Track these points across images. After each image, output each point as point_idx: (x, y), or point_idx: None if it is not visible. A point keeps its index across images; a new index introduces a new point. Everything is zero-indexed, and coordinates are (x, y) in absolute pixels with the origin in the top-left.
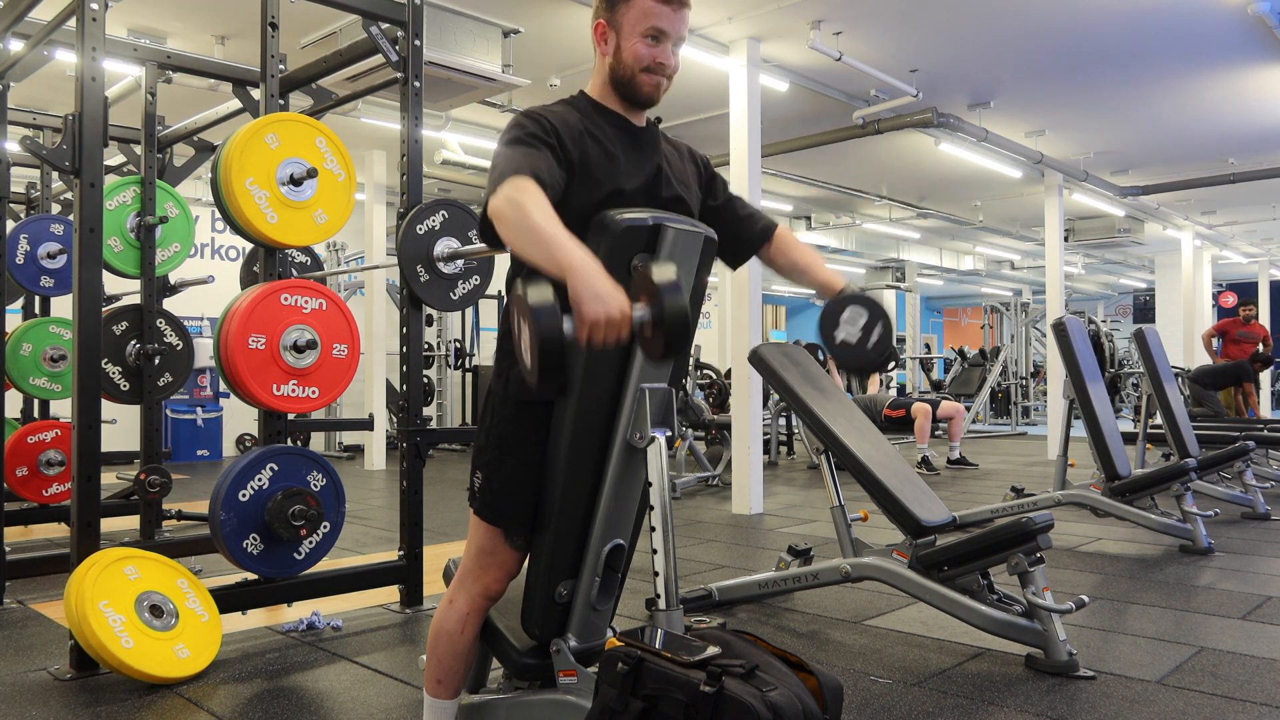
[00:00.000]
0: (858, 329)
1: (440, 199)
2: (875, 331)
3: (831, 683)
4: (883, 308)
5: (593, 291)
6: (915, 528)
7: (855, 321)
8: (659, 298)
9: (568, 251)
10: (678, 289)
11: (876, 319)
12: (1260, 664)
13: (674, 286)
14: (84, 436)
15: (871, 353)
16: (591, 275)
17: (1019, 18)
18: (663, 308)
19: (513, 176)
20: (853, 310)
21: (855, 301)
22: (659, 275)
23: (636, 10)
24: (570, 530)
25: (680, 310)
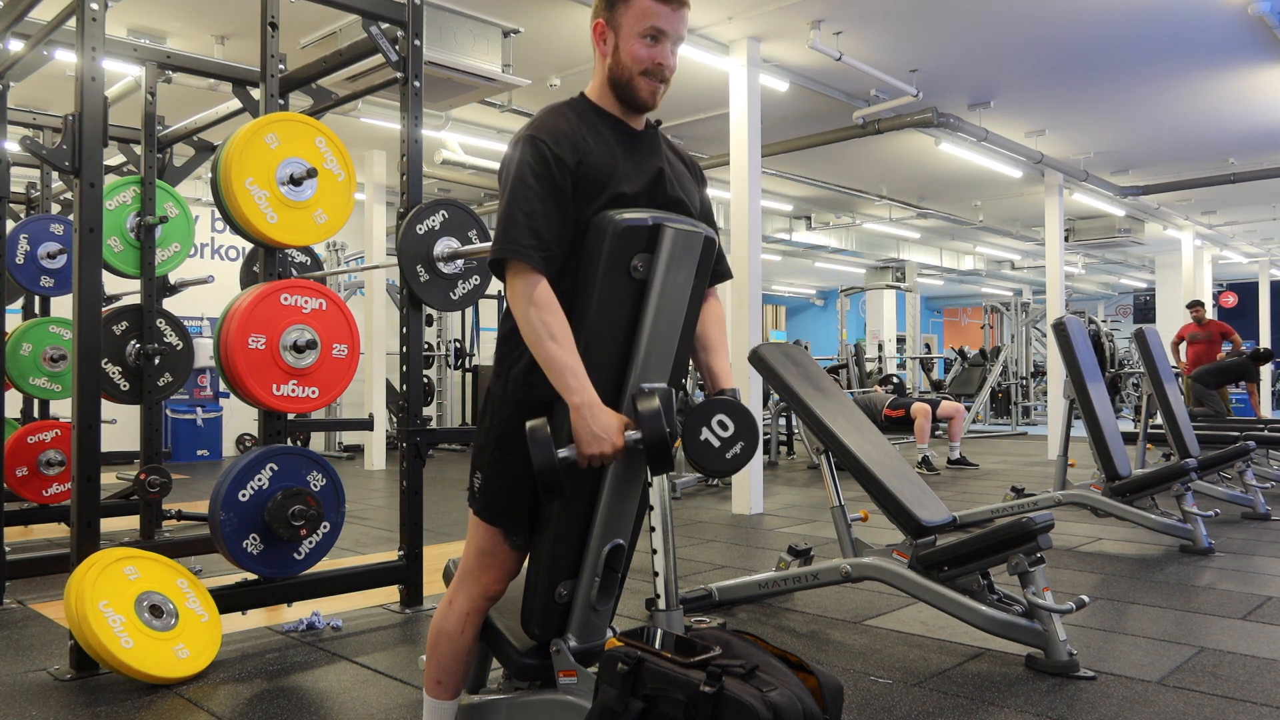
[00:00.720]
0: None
1: (440, 199)
2: (738, 445)
3: (831, 683)
4: (756, 425)
5: (591, 432)
6: (915, 528)
7: (725, 428)
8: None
9: (573, 390)
10: (657, 418)
11: (744, 434)
12: (1260, 664)
13: (654, 415)
14: (84, 436)
15: (728, 463)
16: (591, 414)
17: (1019, 18)
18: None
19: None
20: (725, 417)
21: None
22: (642, 406)
23: (635, 10)
24: (570, 530)
25: (659, 438)
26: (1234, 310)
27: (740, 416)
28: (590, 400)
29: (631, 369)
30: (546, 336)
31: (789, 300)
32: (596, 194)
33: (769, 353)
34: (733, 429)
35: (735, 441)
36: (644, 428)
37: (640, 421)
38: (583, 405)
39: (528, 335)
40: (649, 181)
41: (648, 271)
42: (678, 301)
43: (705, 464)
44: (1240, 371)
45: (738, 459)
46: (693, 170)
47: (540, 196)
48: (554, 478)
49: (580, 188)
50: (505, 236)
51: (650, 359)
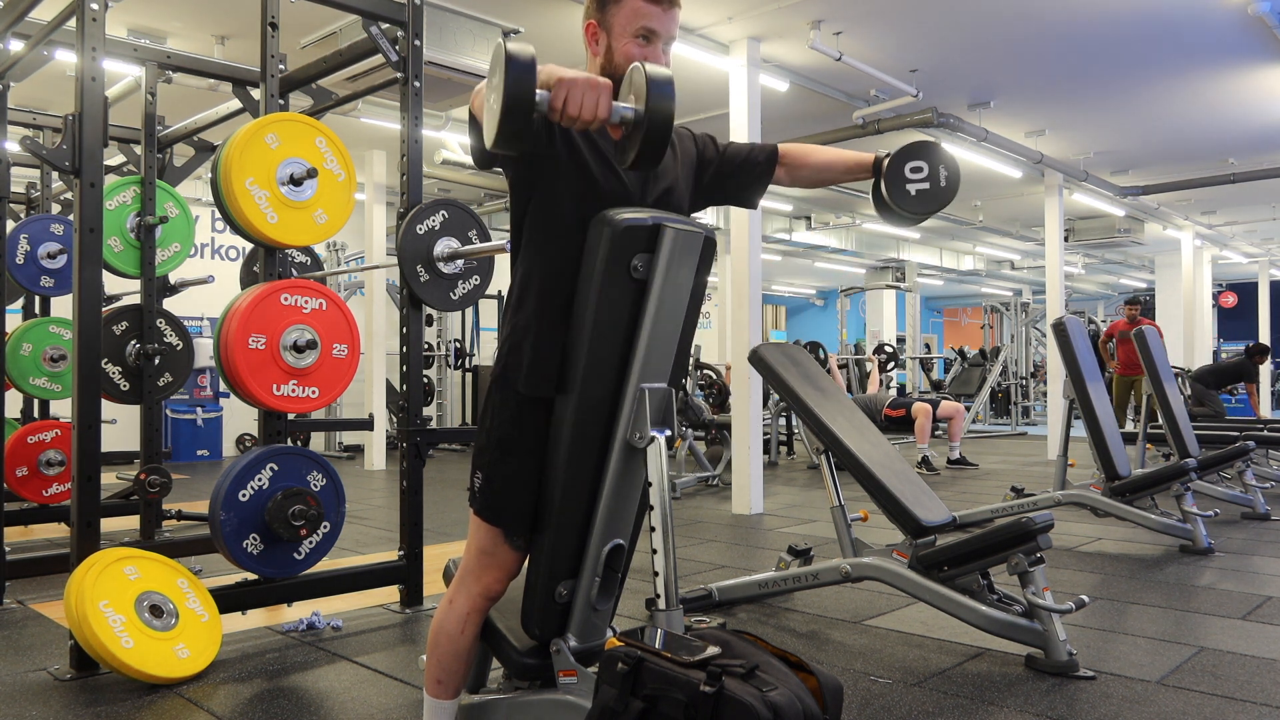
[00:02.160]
0: (925, 177)
1: (440, 199)
2: (942, 171)
3: (831, 683)
4: (938, 149)
5: (571, 70)
6: (915, 528)
7: (920, 172)
8: (646, 94)
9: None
10: (669, 88)
11: (938, 161)
12: (1260, 664)
13: (666, 84)
14: (84, 436)
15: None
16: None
17: (1019, 18)
18: (648, 105)
19: None
20: (914, 164)
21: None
22: (653, 71)
23: (627, 10)
24: (570, 530)
25: (667, 112)
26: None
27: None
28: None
29: (631, 369)
30: None
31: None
32: (590, 187)
33: (769, 353)
34: (926, 166)
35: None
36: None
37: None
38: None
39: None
40: (641, 180)
41: (648, 271)
42: (678, 301)
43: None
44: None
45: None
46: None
47: None
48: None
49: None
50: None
51: (650, 359)
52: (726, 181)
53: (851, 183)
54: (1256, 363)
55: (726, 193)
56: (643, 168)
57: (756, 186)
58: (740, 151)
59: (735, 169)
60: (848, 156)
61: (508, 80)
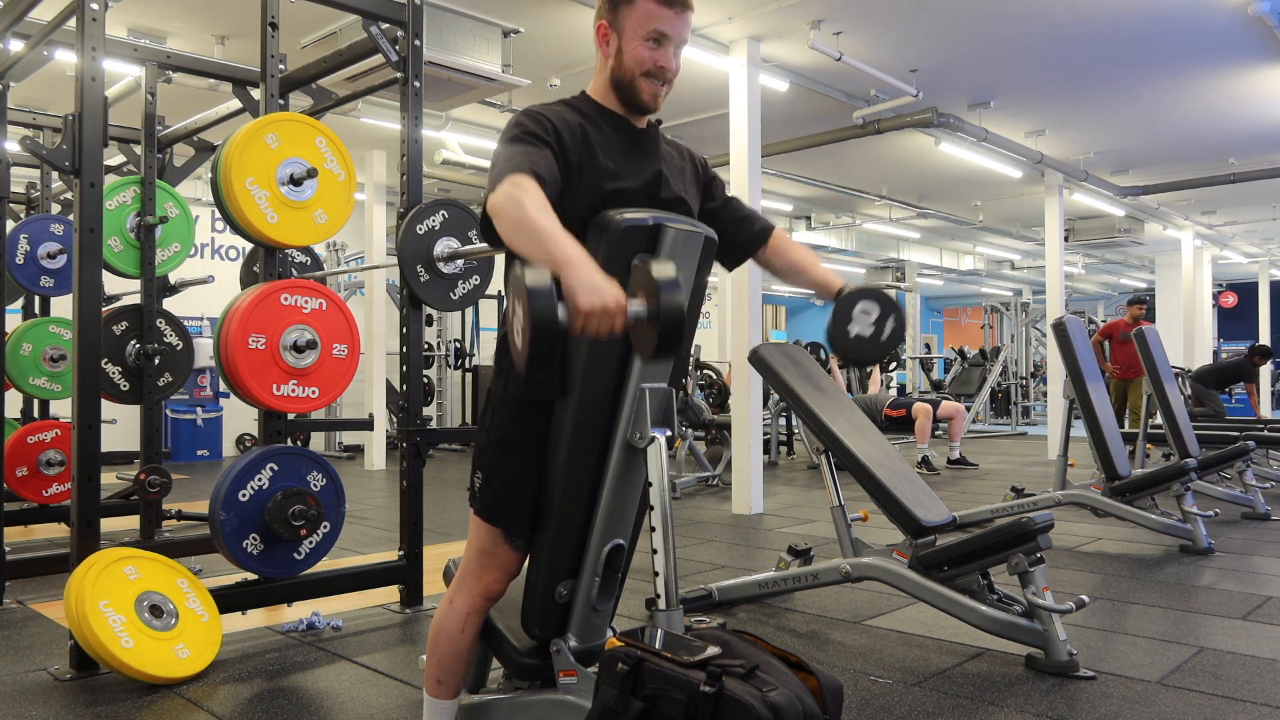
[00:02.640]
0: (870, 322)
1: (440, 199)
2: (888, 324)
3: (831, 683)
4: (893, 300)
5: (587, 282)
6: (915, 528)
7: (869, 315)
8: (656, 294)
9: (562, 246)
10: (676, 286)
11: (889, 311)
12: (1260, 664)
13: (672, 284)
14: (84, 436)
15: (886, 343)
16: (585, 267)
17: (1019, 18)
18: (659, 304)
19: (511, 174)
20: (865, 305)
21: (866, 296)
22: (658, 271)
23: (639, 13)
24: (570, 530)
25: (677, 307)
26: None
27: (878, 297)
28: (581, 255)
29: (631, 369)
30: (526, 206)
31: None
32: (596, 188)
33: (769, 353)
34: (877, 310)
35: (885, 320)
36: (661, 295)
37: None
38: (573, 259)
39: (505, 217)
40: (649, 180)
41: None
42: None
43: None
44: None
45: (896, 334)
46: (695, 164)
47: (533, 145)
48: (550, 342)
49: (575, 170)
50: (494, 177)
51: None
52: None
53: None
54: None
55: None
56: (664, 357)
57: (741, 253)
58: (742, 210)
59: (732, 224)
60: (819, 273)
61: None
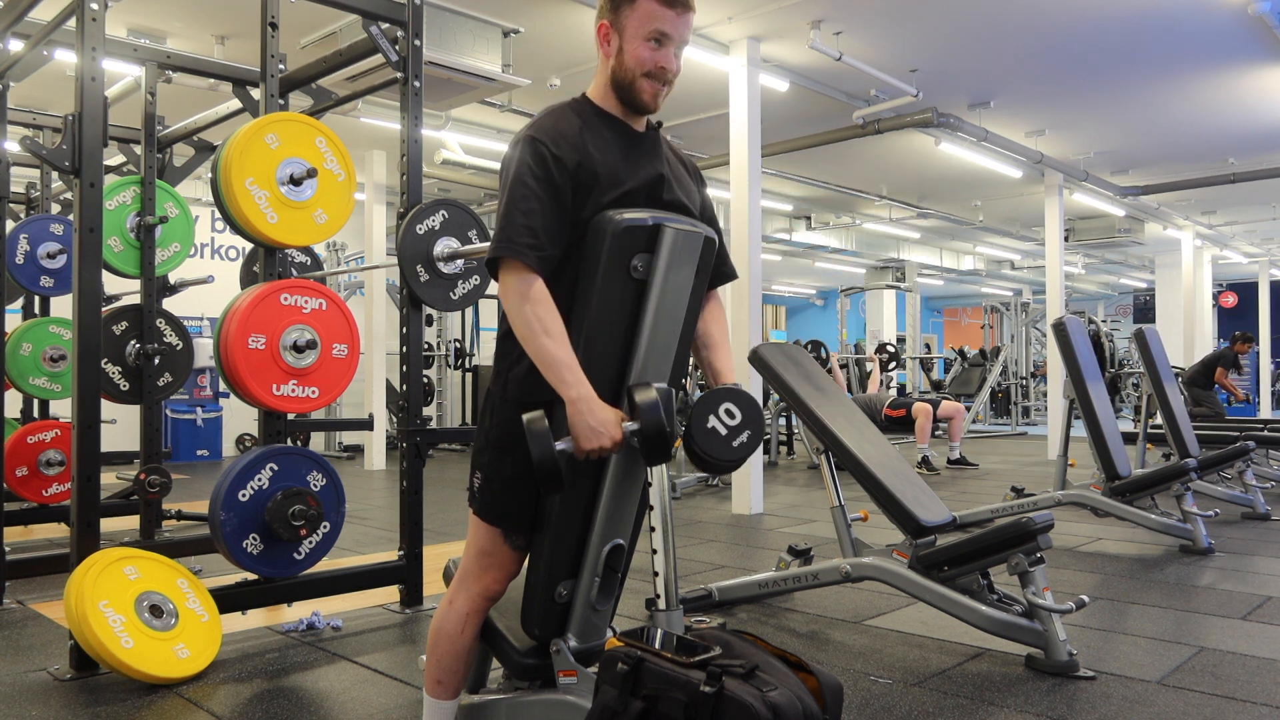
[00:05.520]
0: (730, 424)
1: (440, 199)
2: (745, 434)
3: (831, 683)
4: (761, 416)
5: (588, 425)
6: (915, 528)
7: (732, 416)
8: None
9: (568, 385)
10: (655, 408)
11: (751, 422)
12: (1260, 664)
13: (652, 406)
14: (84, 436)
15: (735, 451)
16: (588, 408)
17: (1019, 18)
18: (641, 427)
19: (515, 255)
20: (733, 406)
21: (737, 399)
22: (640, 397)
23: (640, 13)
24: (570, 530)
25: (657, 429)
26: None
27: (746, 405)
28: (586, 395)
29: (631, 369)
30: (541, 332)
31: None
32: (597, 195)
33: (769, 353)
34: (740, 417)
35: (742, 430)
36: (642, 418)
37: (638, 413)
38: (579, 399)
39: (521, 332)
40: (649, 183)
41: (648, 271)
42: (678, 302)
43: (713, 452)
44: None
45: (744, 447)
46: (692, 172)
47: (538, 197)
48: (552, 471)
49: (580, 188)
50: (502, 235)
51: (650, 359)
52: None
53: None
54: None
55: None
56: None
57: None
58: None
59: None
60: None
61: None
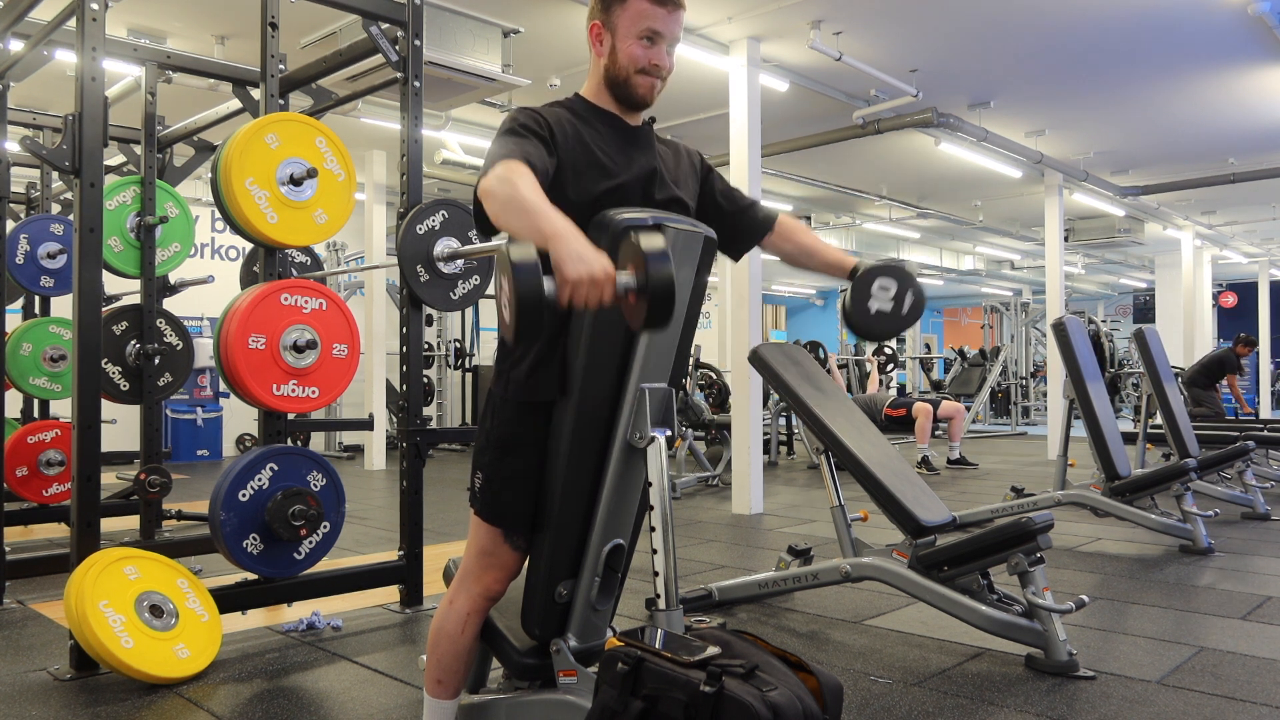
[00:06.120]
0: (890, 297)
1: (440, 199)
2: (908, 298)
3: (831, 683)
4: (910, 273)
5: (574, 253)
6: (915, 528)
7: (887, 290)
8: (645, 265)
9: (550, 220)
10: (665, 257)
11: (907, 285)
12: (1260, 664)
13: (660, 255)
14: (84, 436)
15: (908, 318)
16: (574, 239)
17: (1019, 18)
18: (648, 275)
19: (504, 159)
20: (883, 280)
21: (883, 273)
22: (646, 243)
23: (631, 12)
24: (570, 530)
25: (665, 279)
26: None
27: (894, 272)
28: (569, 228)
29: (631, 369)
30: (514, 183)
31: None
32: (588, 178)
33: (769, 353)
34: (895, 285)
35: (904, 294)
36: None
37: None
38: (561, 232)
39: (495, 197)
40: (643, 177)
41: None
42: (678, 302)
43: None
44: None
45: (916, 308)
46: (691, 161)
47: (523, 140)
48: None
49: (568, 167)
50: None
51: (650, 359)
52: (724, 221)
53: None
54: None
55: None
56: (654, 329)
57: (747, 241)
58: (744, 200)
59: (735, 214)
60: (830, 254)
61: (517, 288)
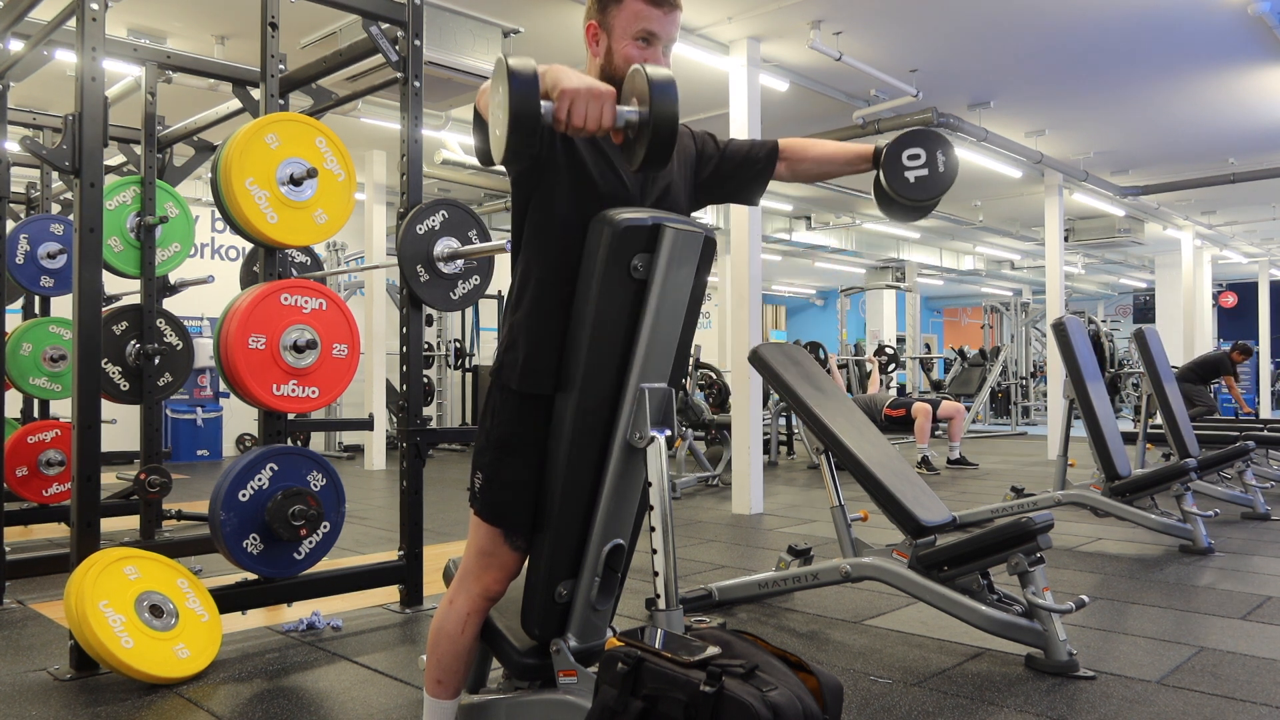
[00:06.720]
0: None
1: (440, 199)
2: (940, 158)
3: (831, 683)
4: (937, 135)
5: (574, 75)
6: (915, 528)
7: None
8: (650, 96)
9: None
10: (671, 89)
11: (936, 146)
12: (1260, 664)
13: (668, 86)
14: (84, 436)
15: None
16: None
17: (1019, 18)
18: (652, 108)
19: None
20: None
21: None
22: (654, 73)
23: (627, 13)
24: (570, 530)
25: (671, 113)
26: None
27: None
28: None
29: (631, 369)
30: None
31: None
32: (589, 187)
33: (769, 353)
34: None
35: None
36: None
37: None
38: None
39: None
40: (642, 180)
41: (648, 271)
42: (678, 302)
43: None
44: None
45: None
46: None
47: None
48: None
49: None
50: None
51: (650, 359)
52: (727, 180)
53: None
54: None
55: (727, 190)
56: (651, 169)
57: (757, 183)
58: (741, 149)
59: (736, 166)
60: (848, 148)
61: (511, 96)
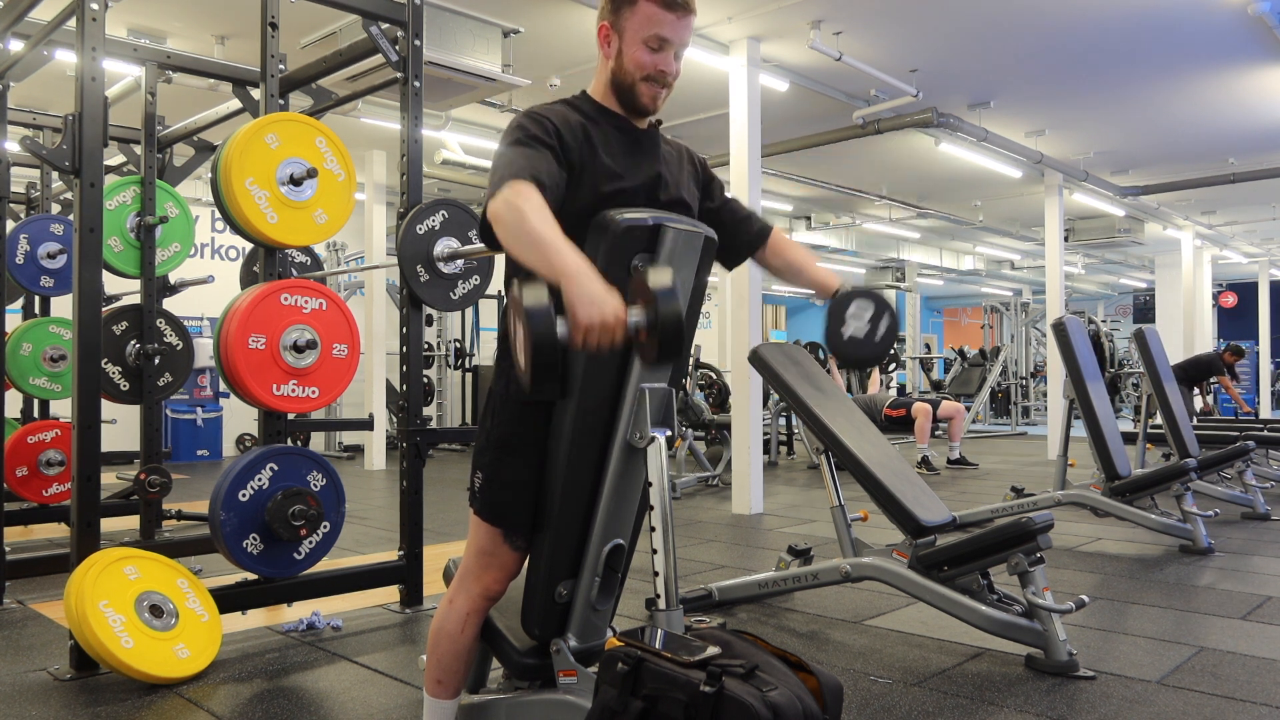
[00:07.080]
0: (864, 322)
1: (440, 199)
2: (882, 324)
3: (831, 683)
4: (887, 301)
5: (587, 296)
6: (915, 528)
7: (861, 315)
8: (654, 303)
9: (563, 257)
10: (673, 294)
11: (882, 312)
12: (1260, 664)
13: (669, 292)
14: (84, 436)
15: (880, 345)
16: (586, 280)
17: (1019, 18)
18: (657, 313)
19: (512, 180)
20: (858, 305)
21: (860, 296)
22: (654, 280)
23: (640, 16)
24: (570, 530)
25: (674, 315)
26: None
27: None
28: (583, 267)
29: (631, 369)
30: (527, 216)
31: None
32: (593, 181)
33: (769, 353)
34: (870, 310)
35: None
36: (658, 304)
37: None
38: (576, 273)
39: (505, 225)
40: (649, 180)
41: None
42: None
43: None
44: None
45: (889, 335)
46: (694, 164)
47: (531, 153)
48: (551, 358)
49: (576, 168)
50: (494, 183)
51: None
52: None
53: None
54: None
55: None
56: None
57: (742, 252)
58: (741, 212)
59: (732, 224)
60: (815, 273)
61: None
